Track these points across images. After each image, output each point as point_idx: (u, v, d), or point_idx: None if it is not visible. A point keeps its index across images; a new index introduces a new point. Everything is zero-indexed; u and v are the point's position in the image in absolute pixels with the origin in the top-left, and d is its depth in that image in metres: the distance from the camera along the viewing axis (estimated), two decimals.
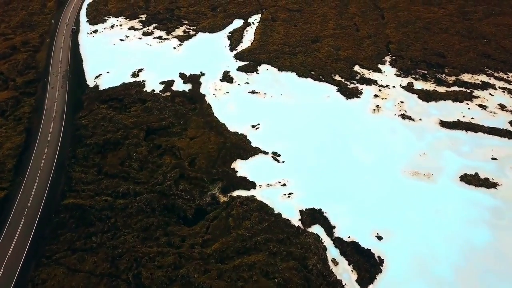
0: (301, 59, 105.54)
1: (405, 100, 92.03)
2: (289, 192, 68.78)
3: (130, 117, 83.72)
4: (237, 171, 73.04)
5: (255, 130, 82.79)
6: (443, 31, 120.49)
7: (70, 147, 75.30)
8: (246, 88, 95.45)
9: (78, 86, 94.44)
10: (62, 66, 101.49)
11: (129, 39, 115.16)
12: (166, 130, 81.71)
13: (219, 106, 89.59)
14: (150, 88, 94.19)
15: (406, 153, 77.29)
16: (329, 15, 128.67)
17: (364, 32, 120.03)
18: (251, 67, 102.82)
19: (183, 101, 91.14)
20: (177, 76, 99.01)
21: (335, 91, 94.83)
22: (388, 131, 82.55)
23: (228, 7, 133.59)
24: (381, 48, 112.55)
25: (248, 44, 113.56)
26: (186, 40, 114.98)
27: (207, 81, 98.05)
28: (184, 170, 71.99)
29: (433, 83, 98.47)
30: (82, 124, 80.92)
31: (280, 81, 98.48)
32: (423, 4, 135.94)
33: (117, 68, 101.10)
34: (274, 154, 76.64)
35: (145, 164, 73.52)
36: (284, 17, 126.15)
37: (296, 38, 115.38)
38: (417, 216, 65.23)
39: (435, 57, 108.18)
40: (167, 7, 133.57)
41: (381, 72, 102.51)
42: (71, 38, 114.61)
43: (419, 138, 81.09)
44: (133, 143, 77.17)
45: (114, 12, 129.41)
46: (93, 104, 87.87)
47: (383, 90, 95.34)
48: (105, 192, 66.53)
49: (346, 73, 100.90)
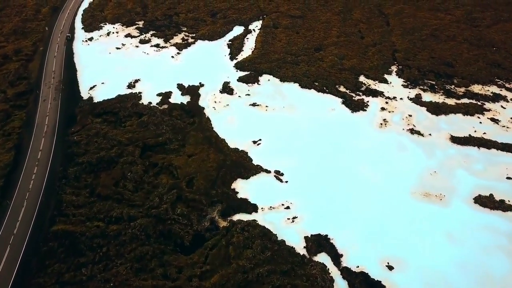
0: (304, 69, 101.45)
1: (413, 114, 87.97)
2: (293, 216, 64.75)
3: (125, 133, 79.66)
4: (238, 192, 69.03)
5: (256, 146, 78.78)
6: (450, 38, 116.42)
7: (61, 166, 71.21)
8: (247, 100, 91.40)
9: (72, 98, 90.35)
10: (55, 76, 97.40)
11: (125, 47, 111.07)
12: (163, 146, 77.71)
13: (219, 119, 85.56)
14: (146, 100, 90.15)
15: (415, 172, 73.26)
16: (333, 21, 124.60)
17: (369, 39, 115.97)
18: (252, 78, 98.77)
19: (181, 114, 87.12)
20: (175, 87, 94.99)
21: (339, 103, 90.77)
22: (396, 147, 78.47)
23: (228, 13, 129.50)
24: (387, 56, 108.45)
25: (249, 52, 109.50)
26: (185, 49, 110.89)
27: (207, 92, 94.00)
28: (181, 192, 67.99)
29: (442, 94, 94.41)
30: (75, 140, 76.85)
31: (283, 92, 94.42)
32: (429, 10, 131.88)
33: (113, 79, 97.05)
34: (276, 173, 72.60)
35: (141, 184, 69.52)
36: (286, 24, 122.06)
37: (298, 46, 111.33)
38: (429, 242, 61.26)
39: (443, 67, 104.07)
40: (165, 13, 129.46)
41: (387, 82, 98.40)
42: (65, 46, 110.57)
43: (429, 155, 77.04)
44: (128, 161, 73.19)
45: (111, 18, 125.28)
46: (86, 118, 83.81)
47: (390, 103, 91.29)
48: (97, 216, 62.51)
49: (351, 84, 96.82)
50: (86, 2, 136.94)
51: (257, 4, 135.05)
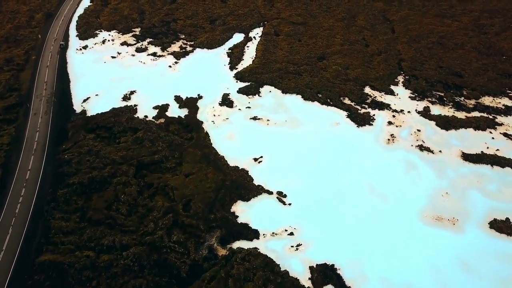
0: (307, 80, 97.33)
1: (422, 128, 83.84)
2: (297, 243, 60.61)
3: (119, 150, 75.52)
4: (238, 215, 64.92)
5: (257, 164, 74.68)
6: (458, 46, 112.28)
7: (50, 187, 67.15)
8: (248, 114, 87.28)
9: (64, 111, 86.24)
10: (47, 88, 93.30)
11: (121, 56, 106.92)
12: (159, 165, 73.58)
13: (218, 135, 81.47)
14: (142, 114, 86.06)
15: (426, 193, 69.16)
16: (336, 28, 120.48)
17: (373, 47, 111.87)
18: (253, 89, 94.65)
19: (178, 129, 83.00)
20: (172, 100, 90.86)
21: (344, 117, 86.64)
22: (405, 166, 74.34)
23: (227, 19, 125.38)
24: (393, 66, 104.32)
25: (249, 62, 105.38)
26: (183, 58, 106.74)
27: (205, 105, 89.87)
28: (177, 216, 63.88)
29: (452, 107, 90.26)
30: (66, 159, 72.73)
31: (285, 105, 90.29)
32: (436, 16, 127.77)
33: (107, 90, 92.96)
34: (279, 195, 68.49)
35: (135, 207, 65.41)
36: (287, 31, 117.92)
37: (301, 55, 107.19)
38: (443, 273, 57.15)
39: (452, 77, 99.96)
40: (162, 19, 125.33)
41: (394, 94, 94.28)
42: (58, 55, 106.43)
43: (440, 174, 72.93)
44: (121, 181, 69.07)
45: (106, 25, 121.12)
46: (79, 133, 79.70)
47: (397, 116, 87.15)
48: (88, 245, 58.40)
49: (356, 95, 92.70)
50: (81, 8, 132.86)
51: (258, 10, 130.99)
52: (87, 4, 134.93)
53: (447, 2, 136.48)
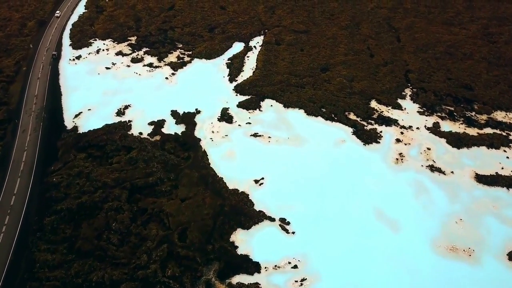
0: (310, 93, 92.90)
1: (432, 146, 79.45)
2: (301, 277, 56.20)
3: (112, 172, 71.05)
4: (238, 246, 60.43)
5: (258, 187, 70.24)
6: (467, 56, 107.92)
7: (36, 215, 62.65)
8: (248, 130, 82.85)
9: (54, 128, 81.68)
10: (37, 102, 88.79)
11: (116, 67, 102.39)
12: (153, 188, 69.13)
13: (217, 153, 77.03)
14: (137, 131, 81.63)
15: (439, 219, 64.81)
16: (339, 37, 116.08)
17: (379, 58, 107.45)
18: (253, 103, 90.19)
19: (174, 147, 78.55)
20: (168, 115, 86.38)
21: (350, 133, 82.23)
22: (415, 189, 69.94)
23: (227, 27, 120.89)
24: (400, 78, 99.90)
25: (249, 73, 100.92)
26: (180, 69, 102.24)
27: (203, 121, 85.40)
28: (173, 246, 59.50)
29: (462, 123, 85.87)
30: (54, 182, 68.26)
31: (287, 120, 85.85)
32: (442, 24, 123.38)
33: (101, 104, 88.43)
34: (282, 222, 64.05)
35: (127, 236, 60.95)
36: (289, 40, 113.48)
37: (303, 66, 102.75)
38: None
39: (462, 90, 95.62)
40: (159, 27, 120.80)
41: (401, 109, 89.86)
42: (50, 66, 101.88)
43: (453, 198, 68.57)
44: (113, 207, 64.65)
45: (101, 33, 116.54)
46: (69, 153, 75.19)
47: (405, 133, 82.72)
48: (75, 281, 53.97)
49: (362, 110, 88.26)
50: (75, 15, 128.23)
51: (258, 17, 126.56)
52: (82, 11, 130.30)
53: (453, 9, 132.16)
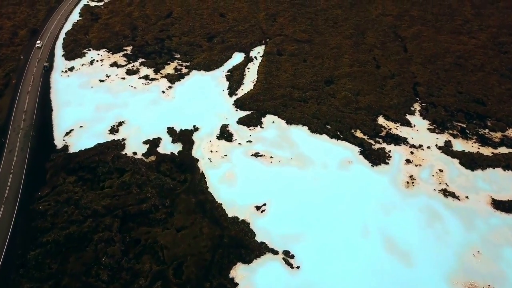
0: (314, 108, 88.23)
1: (444, 168, 74.82)
2: None
3: (103, 198, 66.32)
4: (238, 283, 55.71)
5: (260, 214, 65.55)
6: (477, 68, 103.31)
7: (20, 248, 57.94)
8: (249, 149, 78.21)
9: (43, 147, 77.00)
10: (26, 118, 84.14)
11: (110, 80, 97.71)
12: (147, 215, 64.44)
13: (215, 175, 72.38)
14: (131, 150, 77.00)
15: (454, 251, 60.13)
16: (344, 46, 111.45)
17: (385, 69, 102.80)
18: (254, 119, 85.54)
19: (170, 168, 73.87)
20: (164, 132, 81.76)
21: (357, 153, 77.56)
22: (428, 216, 65.24)
23: (226, 36, 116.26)
24: (408, 91, 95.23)
25: (250, 86, 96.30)
26: (178, 81, 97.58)
27: (201, 139, 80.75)
28: (167, 283, 54.83)
29: (476, 141, 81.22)
30: (40, 210, 63.56)
31: (290, 138, 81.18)
32: (451, 33, 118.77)
33: (93, 121, 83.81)
34: (285, 255, 59.33)
35: (118, 272, 56.30)
36: (291, 50, 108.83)
37: (306, 78, 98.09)
38: None
39: (474, 105, 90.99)
40: (156, 36, 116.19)
41: (411, 125, 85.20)
42: (41, 78, 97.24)
43: (469, 227, 63.89)
44: (103, 238, 59.99)
45: (95, 43, 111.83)
46: (58, 175, 70.51)
47: (416, 153, 78.06)
48: None
49: (369, 127, 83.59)
50: (69, 23, 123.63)
51: (259, 26, 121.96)
52: (76, 19, 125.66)
53: (461, 17, 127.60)
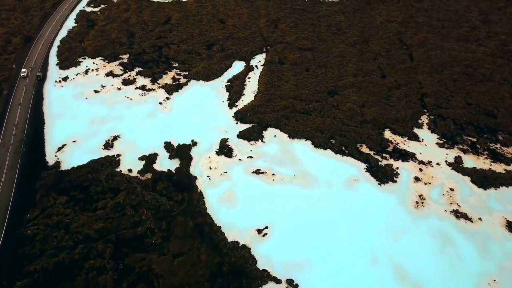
0: (317, 121, 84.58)
1: (455, 186, 71.20)
2: None
3: (95, 221, 62.68)
4: None
5: (262, 238, 61.90)
6: (487, 78, 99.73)
7: (6, 278, 54.28)
8: (249, 165, 74.63)
9: (34, 164, 73.31)
10: (17, 132, 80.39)
11: (105, 90, 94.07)
12: (142, 240, 60.81)
13: (214, 195, 68.79)
14: (126, 167, 73.36)
15: (469, 281, 56.51)
16: (348, 55, 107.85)
17: (391, 79, 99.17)
18: (255, 133, 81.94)
19: (167, 187, 70.24)
20: (161, 147, 78.16)
21: (363, 170, 73.95)
22: (440, 241, 61.59)
23: (226, 44, 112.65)
24: (415, 102, 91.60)
25: (251, 97, 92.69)
26: (175, 92, 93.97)
27: (200, 154, 77.14)
28: None
29: (487, 157, 77.62)
30: (29, 235, 59.91)
31: (292, 154, 77.59)
32: (458, 40, 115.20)
33: (87, 135, 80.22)
34: (289, 284, 55.71)
35: None
36: (293, 59, 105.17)
37: (309, 89, 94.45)
38: None
39: (484, 117, 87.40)
40: (154, 43, 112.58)
41: (419, 140, 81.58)
42: (34, 89, 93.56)
43: (484, 253, 60.24)
44: (95, 266, 56.40)
45: (91, 51, 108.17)
46: (48, 196, 66.88)
47: (424, 170, 74.43)
48: None
49: (375, 142, 79.95)
50: (64, 29, 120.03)
51: (260, 32, 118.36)
52: (71, 25, 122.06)
53: (468, 23, 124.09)
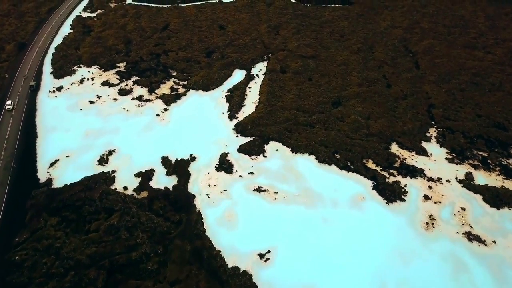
0: (321, 134, 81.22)
1: (467, 206, 67.76)
2: None
3: (88, 245, 59.29)
4: None
5: (264, 264, 58.50)
6: (496, 87, 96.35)
7: None
8: (250, 182, 71.27)
9: (25, 182, 70.01)
10: (7, 147, 77.16)
11: (101, 101, 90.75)
12: (137, 266, 57.41)
13: (213, 215, 65.42)
14: (121, 185, 70.03)
15: None
16: (351, 63, 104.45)
17: (397, 88, 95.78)
18: (257, 147, 78.57)
19: (164, 207, 66.89)
20: (158, 163, 74.82)
21: (370, 188, 70.55)
22: (453, 266, 58.12)
23: (226, 51, 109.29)
24: (422, 114, 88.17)
25: (251, 108, 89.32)
26: (174, 103, 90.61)
27: (199, 170, 73.78)
28: None
29: (499, 173, 74.20)
30: (17, 261, 56.52)
31: (295, 169, 74.19)
32: (464, 47, 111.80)
33: (81, 149, 76.98)
34: None
35: None
36: (295, 67, 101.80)
37: (312, 99, 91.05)
38: None
39: (494, 130, 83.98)
40: (151, 50, 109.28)
41: (427, 154, 78.16)
42: (27, 99, 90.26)
43: (500, 280, 56.78)
44: None
45: (86, 59, 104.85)
46: (39, 216, 63.54)
47: (434, 188, 71.01)
48: None
49: (382, 157, 76.55)
50: (59, 36, 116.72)
51: (261, 39, 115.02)
52: (67, 32, 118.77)
53: (475, 29, 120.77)
